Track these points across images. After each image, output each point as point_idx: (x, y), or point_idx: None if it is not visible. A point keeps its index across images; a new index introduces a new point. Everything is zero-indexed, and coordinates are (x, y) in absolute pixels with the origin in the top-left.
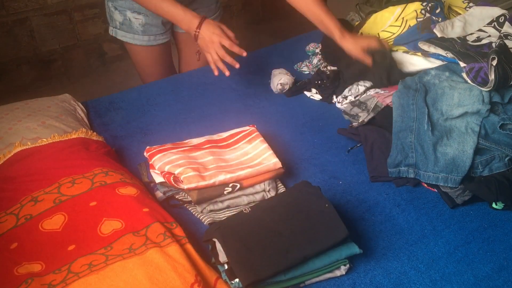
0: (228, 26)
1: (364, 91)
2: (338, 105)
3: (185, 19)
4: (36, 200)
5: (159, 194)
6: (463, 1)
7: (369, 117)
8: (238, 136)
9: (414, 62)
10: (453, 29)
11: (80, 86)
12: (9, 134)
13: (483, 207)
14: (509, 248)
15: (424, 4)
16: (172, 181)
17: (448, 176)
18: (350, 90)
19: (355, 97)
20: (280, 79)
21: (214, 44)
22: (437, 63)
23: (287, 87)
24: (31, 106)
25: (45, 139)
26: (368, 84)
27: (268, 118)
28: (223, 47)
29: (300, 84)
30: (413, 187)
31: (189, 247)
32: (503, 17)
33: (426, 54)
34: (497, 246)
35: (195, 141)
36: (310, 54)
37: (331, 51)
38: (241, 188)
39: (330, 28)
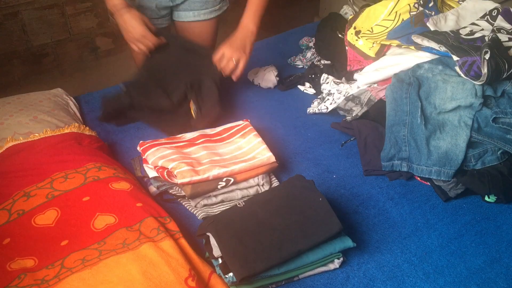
0: (223, 20)
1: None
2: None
3: None
4: (29, 195)
5: (152, 188)
6: None
7: (363, 111)
8: (231, 131)
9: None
10: (446, 22)
11: (73, 81)
12: (0, 129)
13: (475, 200)
14: (501, 240)
15: None
16: (165, 175)
17: (441, 169)
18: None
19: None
20: (273, 74)
21: (139, 39)
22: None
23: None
24: (23, 101)
25: (37, 134)
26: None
27: (262, 113)
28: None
29: (293, 78)
30: (407, 180)
31: (183, 241)
32: (496, 10)
33: (419, 48)
34: (490, 239)
35: (189, 135)
36: (303, 48)
37: (325, 45)
38: (235, 183)
39: (243, 16)
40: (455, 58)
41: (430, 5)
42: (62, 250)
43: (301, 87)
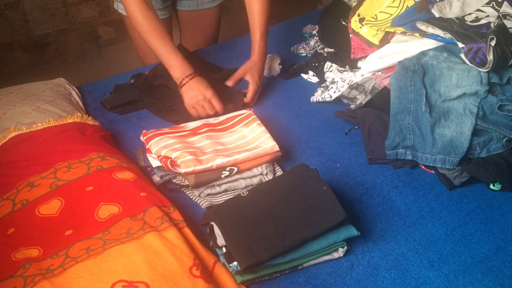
0: (225, 9)
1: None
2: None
3: (179, 65)
4: (32, 185)
5: (156, 178)
6: None
7: (367, 99)
8: (235, 120)
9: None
10: (451, 9)
11: (75, 70)
12: (3, 119)
13: (480, 188)
14: (506, 229)
15: None
16: (169, 165)
17: (446, 157)
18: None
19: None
20: (276, 62)
21: (203, 103)
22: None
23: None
24: (25, 91)
25: (40, 124)
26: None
27: (265, 101)
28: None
29: (297, 67)
30: (411, 169)
31: (187, 231)
32: None
33: (424, 35)
34: (494, 227)
35: (192, 125)
36: (307, 36)
37: (328, 32)
38: (238, 172)
39: (253, 42)
40: (460, 45)
41: None
42: (67, 239)
43: (304, 76)
